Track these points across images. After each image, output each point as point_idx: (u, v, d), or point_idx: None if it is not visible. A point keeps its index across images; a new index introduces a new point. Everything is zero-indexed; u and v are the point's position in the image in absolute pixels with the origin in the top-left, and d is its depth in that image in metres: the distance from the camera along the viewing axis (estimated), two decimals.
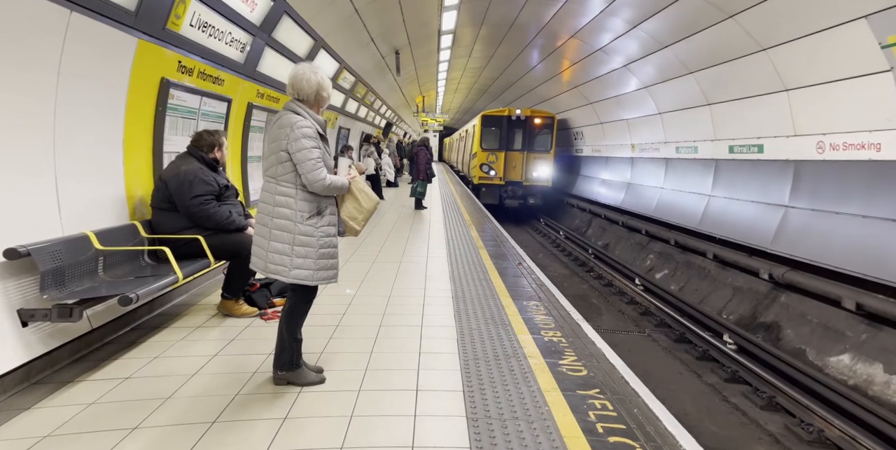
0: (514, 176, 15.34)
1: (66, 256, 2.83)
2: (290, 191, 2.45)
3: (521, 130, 15.19)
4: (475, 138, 15.71)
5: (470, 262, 5.77)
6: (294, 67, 2.52)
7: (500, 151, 15.24)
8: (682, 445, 2.19)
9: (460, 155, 23.03)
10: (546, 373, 2.87)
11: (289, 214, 2.44)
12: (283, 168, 2.44)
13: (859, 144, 5.33)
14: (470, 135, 18.23)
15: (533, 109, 15.67)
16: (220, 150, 3.79)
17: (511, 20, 10.77)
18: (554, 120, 15.12)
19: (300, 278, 2.47)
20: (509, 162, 15.27)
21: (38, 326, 2.73)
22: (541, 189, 15.40)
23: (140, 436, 2.17)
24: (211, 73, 4.68)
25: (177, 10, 3.76)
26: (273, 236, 2.46)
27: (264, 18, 5.27)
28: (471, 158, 16.90)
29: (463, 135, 22.46)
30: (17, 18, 2.55)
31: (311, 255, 2.46)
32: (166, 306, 3.95)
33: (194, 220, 3.54)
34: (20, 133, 2.70)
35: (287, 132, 2.40)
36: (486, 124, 15.40)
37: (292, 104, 2.50)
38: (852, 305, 5.13)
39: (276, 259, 2.46)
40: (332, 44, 7.92)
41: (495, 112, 15.56)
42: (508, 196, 15.28)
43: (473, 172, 16.12)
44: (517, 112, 15.14)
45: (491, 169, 15.27)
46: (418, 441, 2.17)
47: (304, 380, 2.66)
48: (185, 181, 3.49)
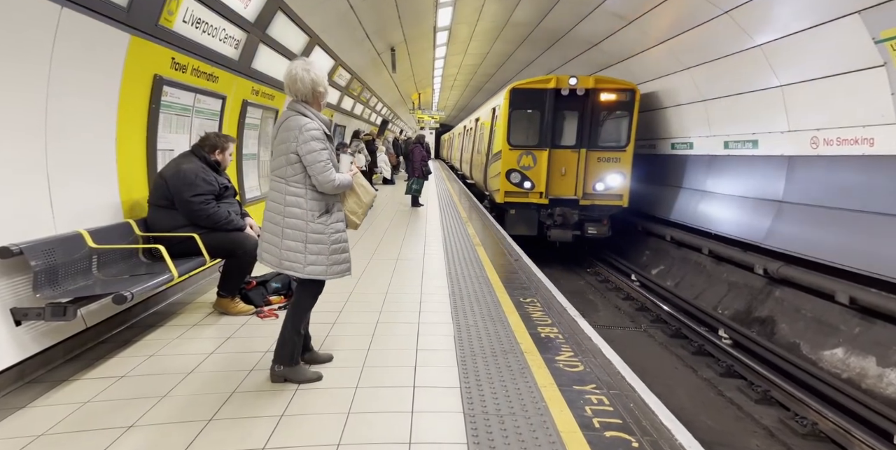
0: (563, 190, 9.12)
1: (60, 254, 2.81)
2: (301, 191, 2.51)
3: (579, 113, 8.94)
4: (499, 129, 9.54)
5: (467, 259, 5.77)
6: (287, 67, 2.53)
7: (540, 148, 9.01)
8: (678, 439, 2.20)
9: (467, 155, 16.50)
10: (543, 369, 2.88)
11: (300, 213, 2.51)
12: (293, 169, 2.49)
13: None
14: (482, 125, 12.33)
15: (599, 77, 9.13)
16: (223, 153, 3.79)
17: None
18: (635, 94, 8.83)
19: (315, 274, 2.55)
20: (556, 166, 9.05)
21: (32, 325, 2.72)
22: (610, 211, 9.21)
23: (135, 434, 2.17)
24: (205, 70, 4.65)
25: (169, 5, 3.73)
26: (286, 235, 2.52)
27: (258, 15, 5.24)
28: (488, 161, 10.65)
29: (470, 127, 16.02)
30: (4, 14, 2.52)
31: (323, 251, 2.54)
32: (162, 305, 3.93)
33: (192, 218, 3.52)
34: (10, 131, 2.68)
35: (296, 134, 2.45)
36: (516, 104, 9.12)
37: (296, 105, 2.54)
38: None
39: (291, 256, 2.53)
40: (327, 41, 7.88)
41: (533, 83, 9.05)
42: (556, 224, 9.00)
43: (495, 183, 9.72)
44: (572, 81, 8.72)
45: (525, 179, 9.06)
46: (416, 437, 2.18)
47: (301, 377, 2.67)
48: (185, 179, 3.47)
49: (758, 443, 4.13)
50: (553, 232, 9.05)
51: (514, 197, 9.20)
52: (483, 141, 11.95)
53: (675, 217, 8.88)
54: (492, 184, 10.31)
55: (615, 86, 8.92)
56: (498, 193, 9.47)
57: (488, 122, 11.14)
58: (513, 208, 9.25)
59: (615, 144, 9.08)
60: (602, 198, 9.13)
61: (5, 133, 2.64)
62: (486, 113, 11.82)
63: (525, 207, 9.22)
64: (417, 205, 10.58)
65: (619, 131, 9.11)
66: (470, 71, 19.68)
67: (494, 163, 9.89)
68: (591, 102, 8.87)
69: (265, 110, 6.66)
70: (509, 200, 9.22)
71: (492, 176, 10.23)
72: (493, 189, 10.09)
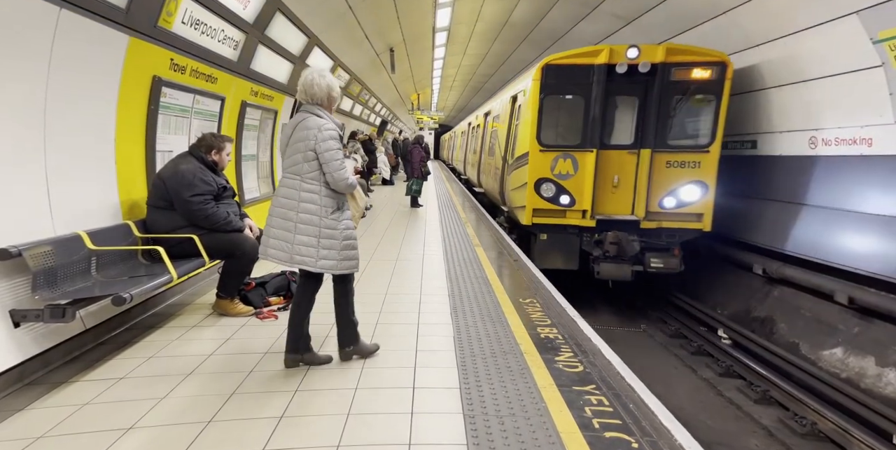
0: (617, 207, 6.66)
1: (58, 256, 2.81)
2: (316, 188, 2.63)
3: (640, 99, 6.53)
4: (524, 124, 6.99)
5: (466, 259, 5.77)
6: (303, 74, 2.70)
7: (583, 149, 6.56)
8: (678, 439, 2.20)
9: (473, 157, 13.74)
10: (542, 369, 2.88)
11: (314, 209, 2.62)
12: (310, 166, 2.62)
13: None
14: (497, 121, 9.48)
15: (673, 46, 6.50)
16: (220, 153, 3.77)
17: None
18: (725, 70, 6.26)
19: (326, 268, 2.68)
20: (607, 174, 6.60)
21: (31, 327, 2.71)
22: (684, 237, 6.64)
23: (135, 436, 2.16)
24: (204, 71, 4.65)
25: (168, 7, 3.73)
26: (299, 230, 2.63)
27: (257, 16, 5.24)
28: (507, 168, 8.02)
29: (478, 124, 13.24)
30: (3, 15, 2.52)
31: (335, 246, 2.66)
32: (161, 306, 3.93)
33: (191, 219, 3.52)
34: (9, 133, 2.68)
35: (315, 133, 2.59)
36: (551, 87, 6.59)
37: (311, 107, 2.68)
38: None
39: (303, 251, 2.64)
40: (326, 41, 7.89)
41: (575, 57, 6.50)
42: (607, 255, 6.54)
43: (518, 197, 7.17)
44: (631, 53, 6.24)
45: (562, 192, 6.61)
46: (415, 438, 2.18)
47: (366, 351, 3.00)
48: (183, 180, 3.47)
49: (757, 443, 4.13)
50: (603, 267, 6.46)
51: (547, 217, 6.66)
52: (498, 141, 9.04)
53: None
54: (513, 198, 7.47)
55: (697, 57, 6.22)
56: (523, 211, 6.82)
57: (505, 115, 8.44)
58: (544, 232, 6.73)
59: (693, 143, 6.46)
60: (673, 218, 6.49)
61: (4, 134, 2.64)
62: (503, 104, 8.95)
63: (562, 230, 6.68)
64: (417, 205, 10.58)
65: (699, 124, 6.48)
66: (469, 71, 19.71)
67: (517, 170, 7.14)
68: (660, 83, 6.25)
69: (264, 111, 6.66)
70: (540, 221, 6.68)
71: (513, 187, 7.39)
72: (516, 205, 7.31)
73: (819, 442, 4.07)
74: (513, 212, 7.81)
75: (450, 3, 9.71)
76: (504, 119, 8.58)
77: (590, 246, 6.70)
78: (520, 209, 7.10)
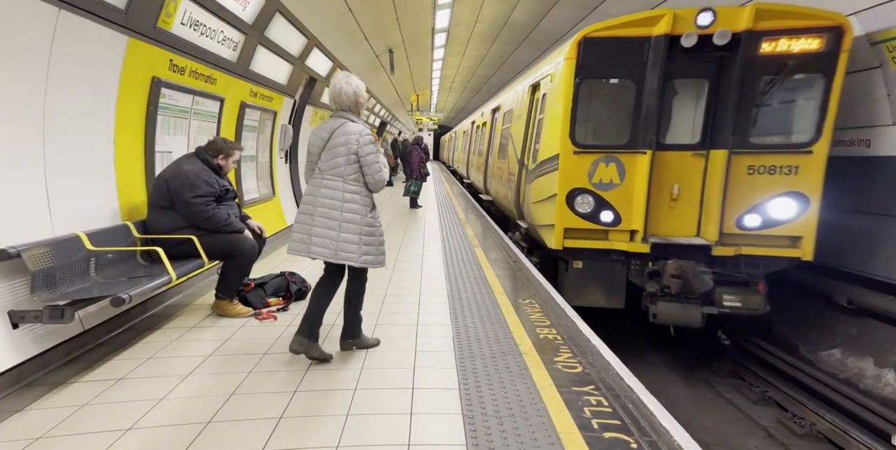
0: (678, 227, 4.98)
1: (57, 257, 2.81)
2: (358, 189, 2.83)
3: (711, 82, 4.80)
4: (552, 118, 5.40)
5: (465, 260, 5.77)
6: (332, 82, 2.87)
7: (632, 150, 4.90)
8: (677, 439, 2.20)
9: (478, 159, 12.09)
10: (542, 370, 2.88)
11: (357, 208, 2.82)
12: (352, 169, 2.81)
13: None
14: (511, 117, 8.07)
15: (762, 5, 4.54)
16: (227, 159, 3.80)
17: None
18: (840, 37, 4.39)
19: (367, 263, 2.86)
20: (664, 183, 4.92)
21: (30, 328, 2.71)
22: (773, 266, 4.82)
23: (133, 437, 2.16)
24: (203, 72, 4.65)
25: (167, 8, 3.73)
26: (343, 228, 2.80)
27: (256, 17, 5.24)
28: (526, 174, 6.50)
29: (483, 121, 11.77)
30: (2, 16, 2.52)
31: (373, 243, 2.87)
32: (160, 307, 3.92)
33: (192, 220, 3.52)
34: (8, 134, 2.68)
35: (357, 138, 2.79)
36: (591, 69, 4.92)
37: (343, 113, 2.87)
38: None
39: (347, 248, 2.80)
40: (325, 43, 7.89)
41: (624, 27, 4.74)
42: (666, 291, 4.87)
43: (543, 212, 5.56)
44: (703, 19, 4.49)
45: (604, 206, 4.99)
46: (414, 439, 2.18)
47: (366, 344, 3.14)
48: (186, 180, 3.48)
49: (756, 443, 4.13)
50: (662, 308, 4.81)
51: (583, 239, 5.04)
52: (513, 141, 7.40)
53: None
54: (536, 213, 5.76)
55: (800, 22, 4.48)
56: (550, 231, 5.20)
57: (522, 109, 6.87)
58: (579, 259, 5.13)
59: (787, 141, 4.80)
60: (757, 243, 4.79)
61: (3, 134, 2.64)
62: (518, 97, 7.45)
63: (603, 257, 5.05)
64: (416, 206, 10.59)
65: (797, 115, 4.84)
66: (468, 72, 19.73)
67: (542, 177, 5.46)
68: (744, 59, 4.55)
69: (263, 112, 6.67)
70: (574, 245, 5.05)
71: (536, 200, 5.73)
72: (540, 222, 5.61)
73: (818, 443, 4.08)
74: (535, 230, 6.00)
75: (449, 4, 9.72)
76: (521, 114, 7.08)
77: (640, 277, 5.03)
78: (545, 228, 5.38)
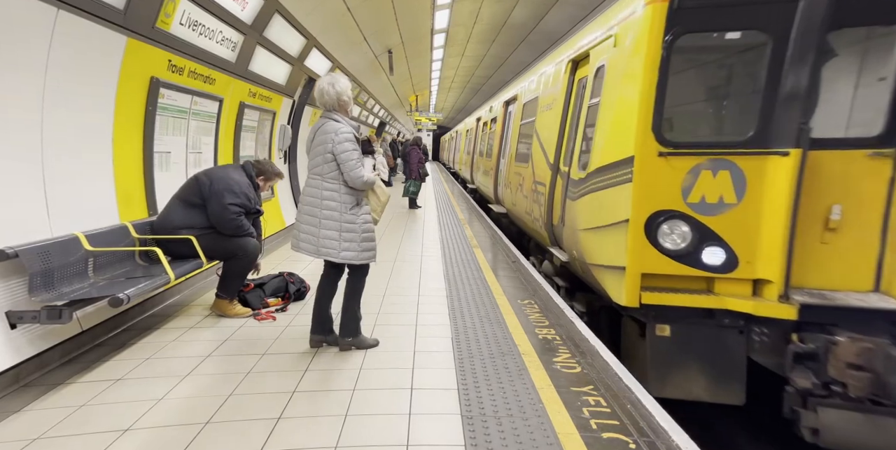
0: (841, 275, 2.86)
1: (55, 257, 2.80)
2: (335, 186, 2.90)
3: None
4: (615, 102, 3.32)
5: (464, 261, 5.77)
6: (316, 84, 2.97)
7: (758, 150, 2.88)
8: (675, 440, 2.20)
9: (485, 163, 10.19)
10: (540, 370, 2.88)
11: (335, 205, 2.90)
12: (329, 167, 2.89)
13: None
14: (535, 105, 6.07)
15: None
16: (265, 182, 3.95)
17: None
18: None
19: (348, 259, 2.95)
20: (814, 201, 2.84)
21: (27, 329, 2.70)
22: None
23: (132, 438, 2.16)
24: (202, 72, 4.65)
25: (166, 8, 3.73)
26: (323, 225, 2.90)
27: (255, 17, 5.24)
28: (563, 183, 4.30)
29: (490, 118, 9.98)
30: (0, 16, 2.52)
31: (354, 239, 2.94)
32: (159, 307, 3.92)
33: (219, 221, 3.57)
34: (6, 133, 2.67)
35: (332, 137, 2.86)
36: (692, 16, 2.85)
37: (328, 113, 2.96)
38: None
39: (327, 244, 2.91)
40: (324, 43, 7.89)
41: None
42: (840, 391, 2.51)
43: (603, 245, 3.40)
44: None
45: (708, 240, 2.95)
46: (413, 439, 2.17)
47: (365, 344, 3.16)
48: (232, 187, 3.60)
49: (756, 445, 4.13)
50: (832, 420, 2.69)
51: (673, 291, 3.19)
52: (538, 139, 5.41)
53: None
54: (589, 245, 3.73)
55: None
56: (617, 275, 3.32)
57: (554, 97, 5.04)
58: (667, 321, 3.18)
59: None
60: None
61: (1, 135, 2.63)
62: (546, 80, 5.50)
63: (707, 320, 3.13)
64: (415, 207, 10.60)
65: None
66: (467, 73, 19.76)
67: (599, 193, 3.57)
68: None
69: (262, 112, 6.67)
70: (658, 301, 3.15)
71: (588, 226, 3.72)
72: (596, 261, 3.63)
73: None
74: (585, 269, 3.88)
75: (448, 4, 9.74)
76: (552, 103, 5.00)
77: (773, 357, 3.02)
78: (607, 271, 3.44)
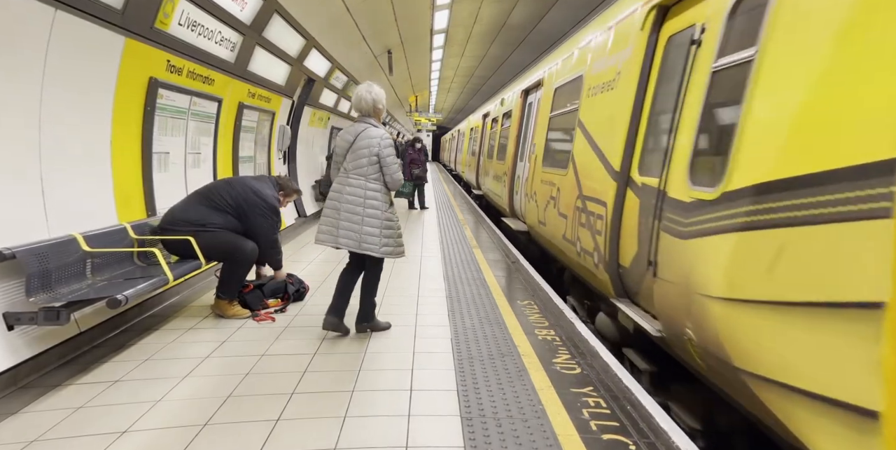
0: None
1: (53, 258, 2.79)
2: (378, 187, 3.16)
3: None
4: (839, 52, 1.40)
5: (464, 261, 5.77)
6: (355, 90, 3.23)
7: None
8: (675, 441, 2.20)
9: (499, 167, 8.65)
10: (540, 371, 2.87)
11: (378, 204, 3.14)
12: (373, 169, 3.14)
13: None
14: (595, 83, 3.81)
15: None
16: (284, 197, 4.07)
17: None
18: None
19: (386, 253, 3.20)
20: None
21: (25, 330, 2.69)
22: None
23: (130, 440, 2.14)
24: (201, 73, 4.64)
25: (165, 8, 3.72)
26: (365, 222, 3.13)
27: (255, 17, 5.23)
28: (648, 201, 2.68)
29: (500, 114, 8.91)
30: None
31: (392, 235, 3.20)
32: (157, 308, 3.91)
33: (265, 237, 3.71)
34: (3, 134, 2.66)
35: (378, 141, 3.13)
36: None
37: (364, 118, 3.23)
38: None
39: (369, 240, 3.14)
40: (323, 43, 7.89)
41: None
42: None
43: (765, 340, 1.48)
44: None
45: None
46: (412, 441, 2.16)
47: (379, 327, 3.46)
48: (275, 206, 3.80)
49: None
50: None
51: None
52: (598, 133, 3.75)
53: None
54: (737, 337, 1.72)
55: None
56: (846, 427, 1.25)
57: (627, 60, 3.31)
58: None
59: None
60: None
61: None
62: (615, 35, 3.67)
63: None
64: (412, 208, 10.67)
65: None
66: (466, 73, 19.77)
67: (765, 232, 1.57)
68: None
69: (261, 113, 6.66)
70: None
71: (730, 295, 1.75)
72: (776, 376, 1.54)
73: None
74: (731, 378, 1.98)
75: (448, 5, 9.74)
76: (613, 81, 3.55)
77: None
78: (802, 402, 1.50)
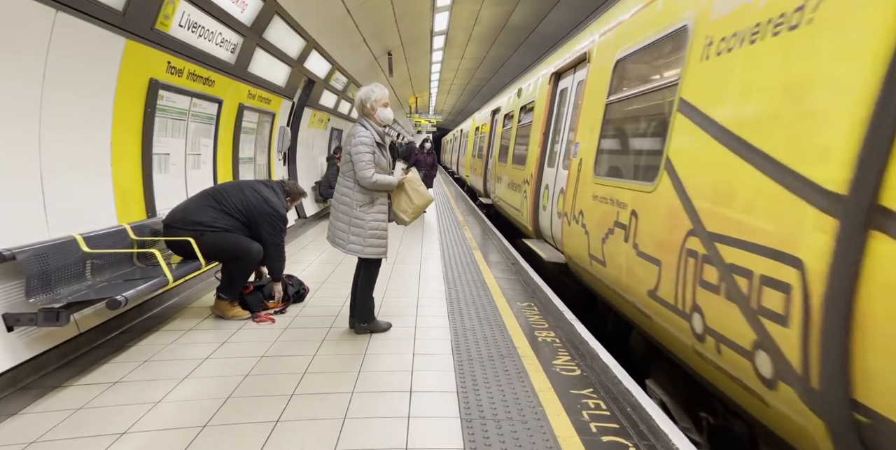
0: None
1: (53, 259, 2.79)
2: (350, 184, 3.19)
3: None
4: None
5: (464, 262, 5.76)
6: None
7: None
8: (675, 443, 2.19)
9: (515, 174, 7.07)
10: (540, 373, 2.87)
11: (348, 201, 3.19)
12: (347, 167, 3.19)
13: None
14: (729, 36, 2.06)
15: None
16: (290, 202, 4.07)
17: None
18: None
19: (354, 252, 3.23)
20: None
21: (24, 331, 2.69)
22: None
23: (129, 441, 2.14)
24: (201, 74, 4.65)
25: (165, 10, 3.73)
26: (337, 217, 3.24)
27: (255, 19, 5.24)
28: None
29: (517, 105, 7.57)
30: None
31: (361, 234, 3.20)
32: (157, 309, 3.90)
33: (273, 244, 3.70)
34: (4, 135, 2.66)
35: (351, 139, 3.17)
36: None
37: (359, 118, 3.27)
38: None
39: (339, 235, 3.23)
40: (324, 45, 7.89)
41: None
42: None
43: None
44: None
45: None
46: (412, 443, 2.16)
47: (379, 327, 3.48)
48: (285, 216, 3.83)
49: None
50: None
51: None
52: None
53: None
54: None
55: None
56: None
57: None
58: None
59: None
60: None
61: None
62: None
63: None
64: None
65: None
66: (466, 75, 19.79)
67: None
68: None
69: (262, 114, 6.67)
70: None
71: None
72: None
73: None
74: None
75: (448, 6, 9.75)
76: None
77: None
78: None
